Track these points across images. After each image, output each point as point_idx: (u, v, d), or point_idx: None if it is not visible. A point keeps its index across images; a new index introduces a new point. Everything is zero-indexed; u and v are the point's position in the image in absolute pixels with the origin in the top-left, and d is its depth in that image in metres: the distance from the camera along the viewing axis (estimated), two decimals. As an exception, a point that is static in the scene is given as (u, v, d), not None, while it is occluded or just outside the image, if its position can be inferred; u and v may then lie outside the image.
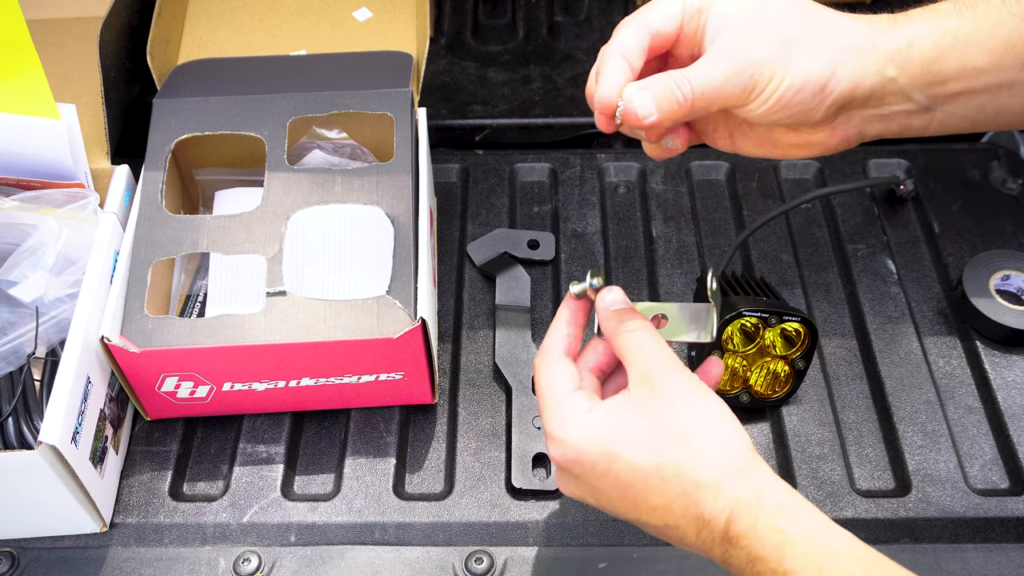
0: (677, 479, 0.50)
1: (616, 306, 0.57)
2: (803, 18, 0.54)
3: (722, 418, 0.52)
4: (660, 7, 0.56)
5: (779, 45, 0.53)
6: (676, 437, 0.51)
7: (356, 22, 0.95)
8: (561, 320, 0.59)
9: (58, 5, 0.95)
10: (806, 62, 0.53)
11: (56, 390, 0.63)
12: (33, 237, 0.72)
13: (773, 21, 0.54)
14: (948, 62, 0.53)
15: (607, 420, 0.53)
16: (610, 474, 0.52)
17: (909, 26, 0.54)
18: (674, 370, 0.53)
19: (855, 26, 0.55)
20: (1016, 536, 0.69)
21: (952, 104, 0.55)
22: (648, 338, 0.54)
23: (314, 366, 0.70)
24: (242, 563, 0.68)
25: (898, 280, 0.86)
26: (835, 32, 0.54)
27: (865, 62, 0.54)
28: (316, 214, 0.75)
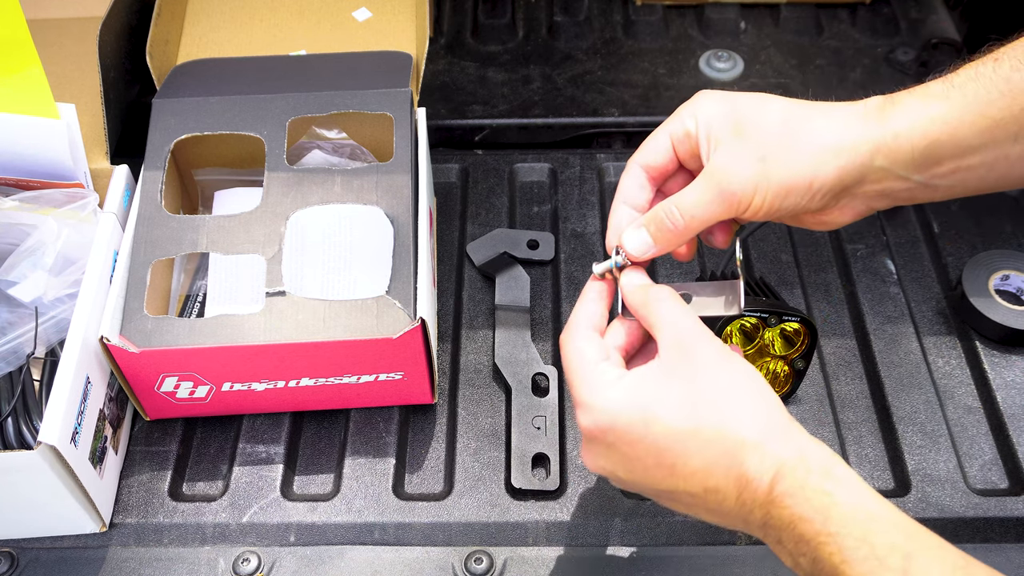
0: (719, 440, 0.49)
1: (641, 280, 0.57)
2: (784, 127, 0.55)
3: (756, 380, 0.52)
4: (651, 142, 0.60)
5: (757, 162, 0.54)
6: (713, 398, 0.50)
7: (356, 22, 0.95)
8: (586, 298, 0.59)
9: (58, 5, 0.95)
10: (785, 173, 0.54)
11: (56, 390, 0.63)
12: (33, 237, 0.72)
13: (753, 137, 0.55)
14: (939, 147, 0.54)
15: (641, 384, 0.52)
16: (647, 439, 0.51)
17: (897, 115, 0.54)
18: (705, 335, 0.53)
19: (836, 122, 0.55)
20: (1016, 536, 0.69)
21: (951, 179, 0.55)
22: (677, 306, 0.54)
23: (314, 366, 0.70)
24: (242, 563, 0.68)
25: (898, 280, 0.86)
26: (814, 133, 0.55)
27: (846, 158, 0.54)
28: (316, 214, 0.75)
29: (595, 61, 1.08)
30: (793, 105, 0.57)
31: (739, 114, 0.56)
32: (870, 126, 0.54)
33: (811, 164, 0.54)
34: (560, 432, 0.75)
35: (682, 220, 0.56)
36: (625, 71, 1.07)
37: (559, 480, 0.72)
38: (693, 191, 0.56)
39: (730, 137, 0.55)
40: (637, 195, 0.60)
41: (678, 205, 0.56)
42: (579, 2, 1.15)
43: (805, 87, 1.04)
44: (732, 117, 0.56)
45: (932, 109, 0.53)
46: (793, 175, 0.54)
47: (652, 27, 1.12)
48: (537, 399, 0.76)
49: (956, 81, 0.54)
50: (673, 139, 0.59)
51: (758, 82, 1.05)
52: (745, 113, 0.56)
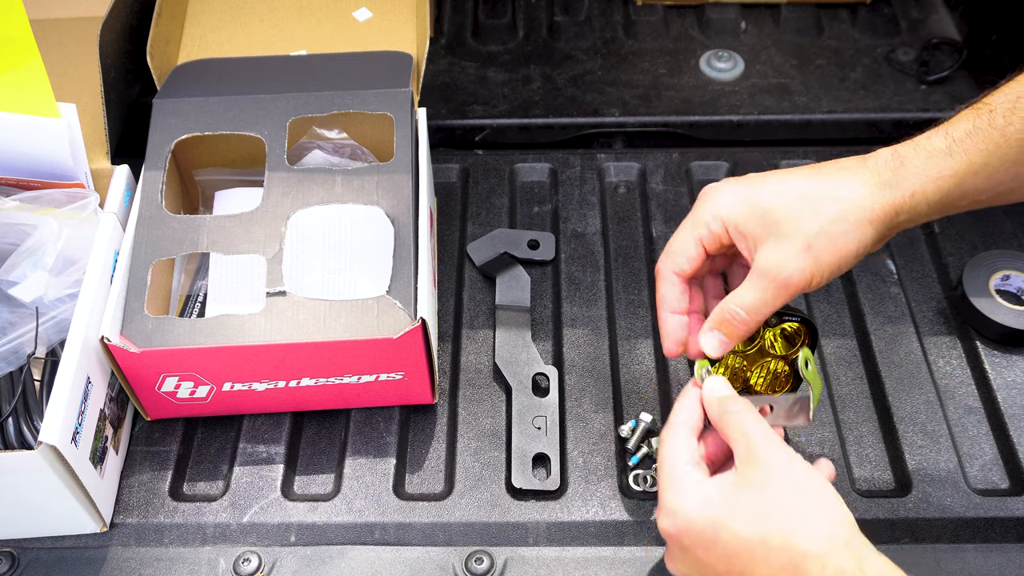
0: (784, 549, 0.52)
1: (720, 392, 0.60)
2: (815, 209, 0.57)
3: (824, 490, 0.54)
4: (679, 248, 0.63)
5: (805, 253, 0.57)
6: (781, 508, 0.53)
7: (356, 22, 0.95)
8: (686, 400, 0.62)
9: (58, 5, 0.95)
10: (833, 254, 0.58)
11: (56, 390, 0.63)
12: (33, 237, 0.72)
13: (792, 229, 0.57)
14: (951, 197, 0.57)
15: (716, 493, 0.55)
16: (717, 545, 0.54)
17: (908, 176, 0.57)
18: (776, 445, 0.56)
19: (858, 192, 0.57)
20: (1016, 536, 0.69)
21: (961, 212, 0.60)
22: (750, 418, 0.57)
23: (314, 366, 0.70)
24: (242, 563, 0.68)
25: (898, 280, 0.86)
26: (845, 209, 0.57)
27: (879, 224, 0.58)
28: (316, 214, 0.75)
29: (595, 61, 1.08)
30: (807, 180, 0.59)
31: (764, 207, 0.59)
32: (889, 191, 0.57)
33: (854, 239, 0.58)
34: (560, 432, 0.75)
35: (749, 318, 0.61)
36: (625, 71, 1.07)
37: (559, 480, 0.72)
38: (753, 291, 0.59)
39: (766, 232, 0.58)
40: (680, 301, 0.64)
41: (742, 306, 0.60)
42: (579, 2, 1.15)
43: (805, 87, 1.04)
44: (758, 211, 0.59)
45: (939, 167, 0.56)
46: (841, 254, 0.58)
47: (652, 27, 1.12)
48: (537, 399, 0.76)
49: (956, 135, 0.57)
50: (702, 242, 0.62)
51: (758, 82, 1.05)
52: (770, 204, 0.59)
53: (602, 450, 0.74)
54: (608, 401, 0.77)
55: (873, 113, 1.01)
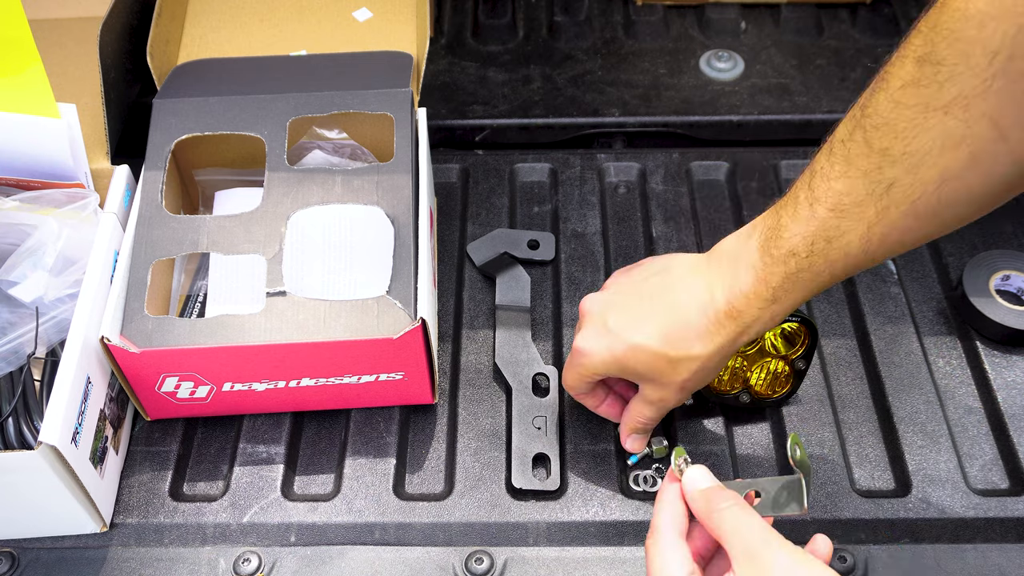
0: None
1: (703, 485, 0.57)
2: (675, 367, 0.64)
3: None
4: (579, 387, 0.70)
5: (679, 391, 0.65)
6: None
7: (356, 22, 0.95)
8: (665, 499, 0.58)
9: (58, 5, 0.95)
10: (703, 381, 0.66)
11: (56, 390, 0.63)
12: (33, 237, 0.72)
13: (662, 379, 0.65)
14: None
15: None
16: None
17: (747, 319, 0.61)
18: (776, 544, 0.51)
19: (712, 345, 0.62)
20: (1016, 536, 0.69)
21: None
22: (742, 514, 0.54)
23: (314, 366, 0.70)
24: (242, 563, 0.68)
25: (898, 280, 0.86)
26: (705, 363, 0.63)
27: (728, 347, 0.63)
28: (316, 214, 0.75)
29: (595, 61, 1.08)
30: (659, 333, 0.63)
31: (631, 370, 0.65)
32: (731, 329, 0.62)
33: (715, 371, 0.65)
34: (560, 432, 0.75)
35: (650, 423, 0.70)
36: (625, 71, 1.07)
37: (559, 480, 0.72)
38: (646, 410, 0.68)
39: (643, 382, 0.66)
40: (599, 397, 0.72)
41: (642, 418, 0.69)
42: (579, 2, 1.15)
43: (805, 87, 1.04)
44: (628, 372, 0.66)
45: (770, 312, 0.61)
46: (708, 380, 0.66)
47: (652, 27, 1.12)
48: (538, 399, 0.76)
49: (774, 282, 0.60)
50: (592, 384, 0.70)
51: (758, 82, 1.05)
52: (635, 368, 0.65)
53: (602, 450, 0.74)
54: (608, 401, 0.77)
55: None
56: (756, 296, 0.61)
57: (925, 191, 0.52)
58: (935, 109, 0.50)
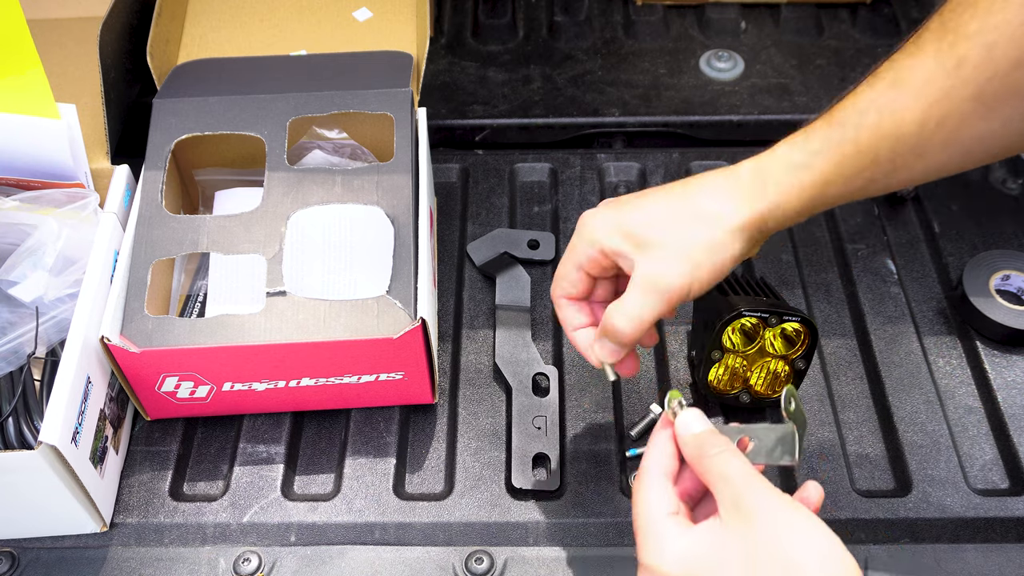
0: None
1: (696, 429, 0.56)
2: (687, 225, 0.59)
3: (828, 544, 0.49)
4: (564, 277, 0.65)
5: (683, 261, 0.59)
6: (775, 567, 0.48)
7: (356, 22, 0.95)
8: (656, 441, 0.57)
9: (58, 5, 0.95)
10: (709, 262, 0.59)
11: (56, 390, 0.63)
12: (33, 237, 0.72)
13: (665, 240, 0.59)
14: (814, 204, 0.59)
15: (696, 548, 0.51)
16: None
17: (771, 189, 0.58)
18: (766, 492, 0.50)
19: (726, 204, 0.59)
20: (1016, 536, 0.69)
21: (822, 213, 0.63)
22: (732, 460, 0.52)
23: (314, 366, 0.70)
24: (242, 563, 0.68)
25: (898, 280, 0.86)
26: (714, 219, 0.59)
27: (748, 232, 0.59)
28: (316, 214, 0.75)
29: (595, 61, 1.08)
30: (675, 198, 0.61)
31: (635, 230, 0.60)
32: (754, 202, 0.59)
33: (728, 248, 0.59)
34: (560, 432, 0.75)
35: (630, 326, 0.60)
36: (625, 71, 1.07)
37: (559, 480, 0.72)
38: (634, 300, 0.60)
39: (641, 249, 0.60)
40: (578, 318, 0.66)
41: (623, 313, 0.60)
42: (579, 2, 1.15)
43: (805, 87, 1.04)
44: (631, 235, 0.60)
45: (799, 179, 0.58)
46: (716, 261, 0.59)
47: (652, 27, 1.12)
48: (538, 399, 0.76)
49: (811, 148, 0.58)
50: (582, 268, 0.64)
51: (758, 82, 1.05)
52: (640, 226, 0.60)
53: (602, 450, 0.74)
54: (608, 401, 0.77)
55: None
56: (786, 156, 0.57)
57: (997, 71, 0.49)
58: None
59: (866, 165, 0.56)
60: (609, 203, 0.63)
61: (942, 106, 0.52)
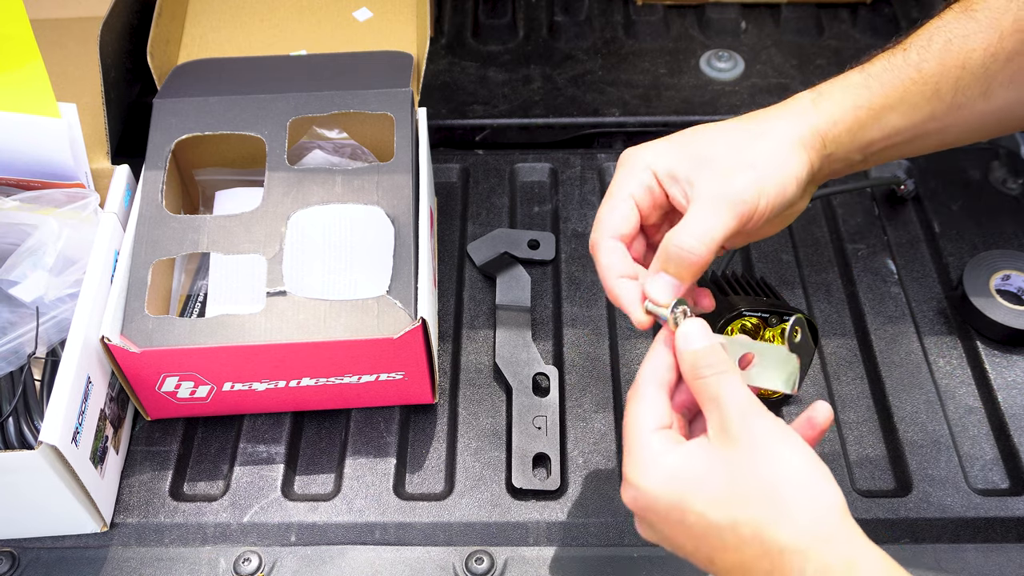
0: (756, 539, 0.47)
1: (696, 345, 0.53)
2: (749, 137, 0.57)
3: (810, 471, 0.48)
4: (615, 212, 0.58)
5: (749, 168, 0.55)
6: (754, 492, 0.47)
7: (356, 22, 0.95)
8: (655, 349, 0.55)
9: (58, 5, 0.95)
10: (776, 170, 0.56)
11: (56, 390, 0.63)
12: (33, 237, 0.72)
13: (730, 153, 0.56)
14: (870, 130, 0.57)
15: (682, 467, 0.50)
16: (683, 525, 0.49)
17: (828, 105, 0.58)
18: (755, 416, 0.49)
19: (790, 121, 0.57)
20: (1016, 536, 0.69)
21: (880, 155, 0.60)
22: (725, 384, 0.51)
23: (314, 366, 0.70)
24: (242, 563, 0.68)
25: (898, 280, 0.86)
26: (780, 135, 0.57)
27: (811, 150, 0.57)
28: (316, 214, 0.75)
29: (595, 61, 1.08)
30: (734, 123, 0.59)
31: (696, 147, 0.57)
32: (813, 117, 0.57)
33: (792, 160, 0.56)
34: (561, 432, 0.75)
35: (701, 246, 0.54)
36: (626, 71, 1.07)
37: (559, 480, 0.72)
38: (701, 215, 0.55)
39: (705, 165, 0.56)
40: (627, 264, 0.58)
41: (691, 234, 0.54)
42: (579, 2, 1.15)
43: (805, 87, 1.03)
44: (690, 152, 0.57)
45: (856, 98, 0.56)
46: (783, 174, 0.56)
47: (653, 27, 1.12)
48: (538, 399, 0.76)
49: (872, 71, 0.57)
50: (634, 198, 0.58)
51: (758, 82, 1.05)
52: (701, 144, 0.57)
53: (602, 450, 0.74)
54: (608, 401, 0.77)
55: None
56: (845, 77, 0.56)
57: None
58: None
59: (927, 96, 0.54)
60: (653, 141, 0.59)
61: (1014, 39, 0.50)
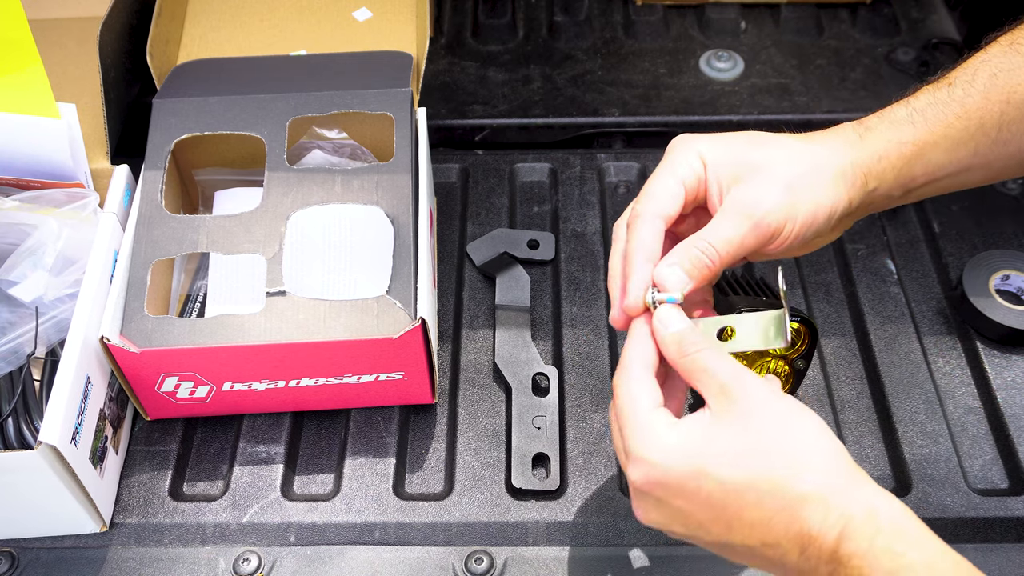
0: (776, 493, 0.47)
1: (674, 328, 0.54)
2: (793, 158, 0.57)
3: (814, 425, 0.50)
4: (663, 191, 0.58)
5: (785, 191, 0.55)
6: (768, 447, 0.48)
7: (356, 22, 0.95)
8: (635, 336, 0.55)
9: (58, 5, 0.95)
10: (811, 200, 0.56)
11: (56, 390, 0.63)
12: (33, 237, 0.72)
13: (773, 169, 0.56)
14: (914, 167, 0.58)
15: (691, 435, 0.50)
16: (700, 494, 0.49)
17: (874, 140, 0.58)
18: (749, 378, 0.50)
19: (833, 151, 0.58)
20: (1016, 536, 0.69)
21: (926, 189, 0.60)
22: (713, 355, 0.52)
23: (314, 366, 0.70)
24: (242, 563, 0.68)
25: (898, 280, 0.86)
26: (824, 164, 0.57)
27: (851, 183, 0.57)
28: (316, 214, 0.75)
29: (595, 61, 1.08)
30: (787, 139, 0.59)
31: (744, 151, 0.58)
32: (858, 151, 0.57)
33: (830, 191, 0.56)
34: (560, 432, 0.75)
35: (717, 254, 0.55)
36: (625, 71, 1.07)
37: (559, 480, 0.72)
38: (725, 225, 0.55)
39: (746, 173, 0.56)
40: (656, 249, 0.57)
41: (711, 240, 0.55)
42: (579, 2, 1.15)
43: (805, 87, 1.04)
44: (737, 155, 0.58)
45: (901, 134, 0.57)
46: (818, 202, 0.56)
47: (652, 27, 1.12)
48: (537, 399, 0.76)
49: (917, 106, 0.57)
50: (686, 184, 0.58)
51: (758, 82, 1.05)
52: (750, 150, 0.58)
53: (602, 450, 0.74)
54: (608, 401, 0.77)
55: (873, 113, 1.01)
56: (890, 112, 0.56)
57: None
58: None
59: (971, 131, 0.54)
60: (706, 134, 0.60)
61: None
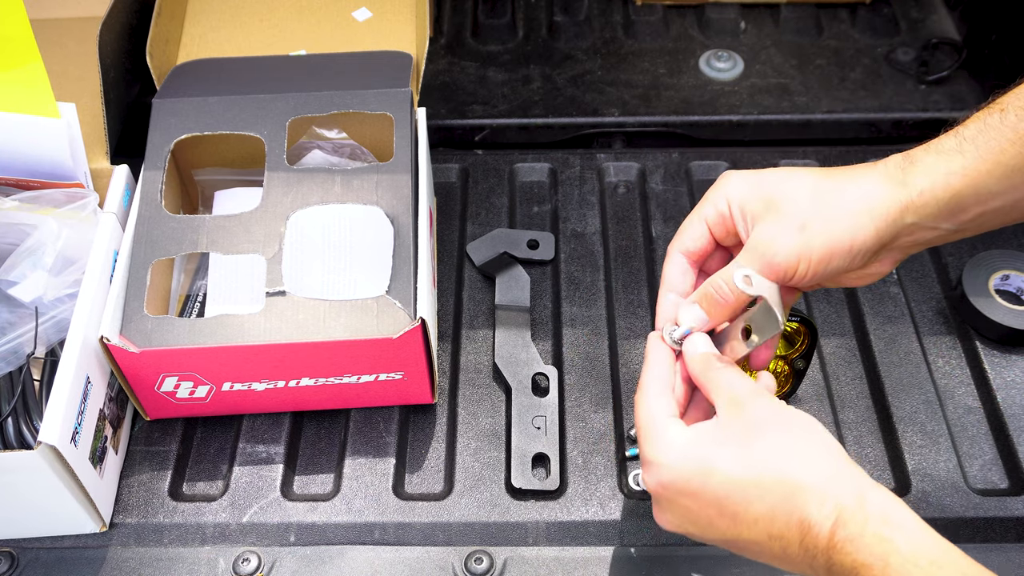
0: (779, 486, 0.50)
1: (704, 348, 0.59)
2: (816, 196, 0.57)
3: (812, 426, 0.53)
4: (687, 229, 0.62)
5: (797, 232, 0.57)
6: (771, 444, 0.52)
7: (356, 22, 0.95)
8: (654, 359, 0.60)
9: (58, 5, 0.95)
10: (825, 239, 0.56)
11: (56, 390, 0.63)
12: (33, 237, 0.72)
13: (789, 209, 0.57)
14: (962, 198, 0.56)
15: (699, 437, 0.54)
16: (707, 490, 0.52)
17: (918, 174, 0.56)
18: (760, 394, 0.55)
19: (865, 187, 0.57)
20: (1016, 536, 0.69)
21: (977, 222, 0.58)
22: (734, 372, 0.57)
23: (314, 366, 0.70)
24: (242, 563, 0.68)
25: (898, 280, 0.86)
26: (846, 199, 0.57)
27: (879, 219, 0.56)
28: (316, 214, 0.75)
29: (595, 61, 1.08)
30: (819, 175, 0.59)
31: (769, 189, 0.59)
32: (896, 188, 0.56)
33: (849, 228, 0.56)
34: (560, 432, 0.75)
35: (731, 294, 0.59)
36: (625, 71, 1.07)
37: (559, 480, 0.72)
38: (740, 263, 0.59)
39: (766, 211, 0.58)
40: (681, 282, 0.63)
41: (726, 280, 0.58)
42: (579, 2, 1.15)
43: (805, 87, 1.04)
44: (762, 193, 0.59)
45: (950, 164, 0.55)
46: (833, 240, 0.56)
47: (652, 27, 1.12)
48: (537, 399, 0.76)
49: (967, 134, 0.56)
50: (708, 223, 0.61)
51: (758, 82, 1.05)
52: (775, 188, 0.59)
53: (602, 450, 0.74)
54: (608, 401, 0.77)
55: (873, 113, 1.01)
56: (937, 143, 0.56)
57: None
58: None
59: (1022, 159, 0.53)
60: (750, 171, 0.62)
61: None
